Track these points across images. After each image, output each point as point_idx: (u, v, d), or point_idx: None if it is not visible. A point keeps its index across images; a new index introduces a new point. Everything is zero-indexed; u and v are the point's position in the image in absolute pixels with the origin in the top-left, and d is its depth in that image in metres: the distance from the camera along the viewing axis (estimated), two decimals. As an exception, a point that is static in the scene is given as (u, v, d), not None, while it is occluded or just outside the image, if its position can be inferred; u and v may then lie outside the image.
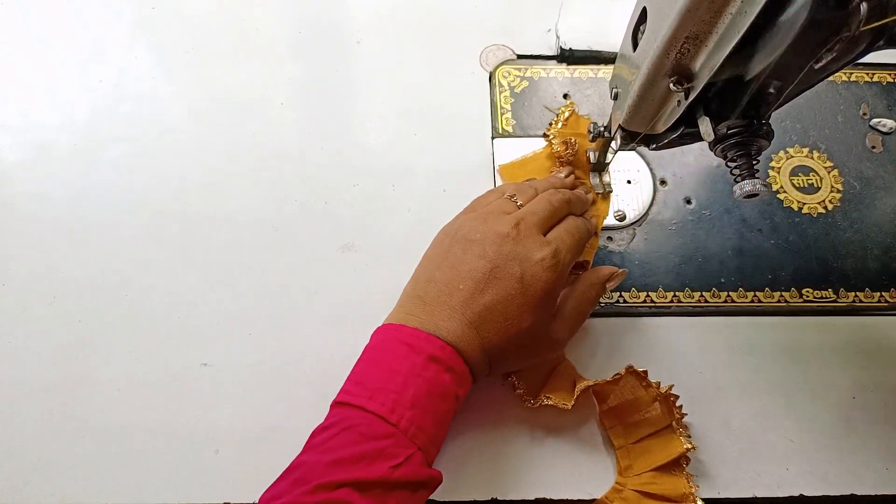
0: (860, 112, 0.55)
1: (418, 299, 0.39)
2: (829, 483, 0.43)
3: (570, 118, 0.52)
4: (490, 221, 0.40)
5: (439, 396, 0.36)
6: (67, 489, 0.41)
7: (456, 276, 0.39)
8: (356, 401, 0.35)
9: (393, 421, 0.34)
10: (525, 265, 0.38)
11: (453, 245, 0.40)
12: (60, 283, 0.46)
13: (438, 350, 0.36)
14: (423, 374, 0.35)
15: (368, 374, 0.36)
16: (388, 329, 0.38)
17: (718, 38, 0.29)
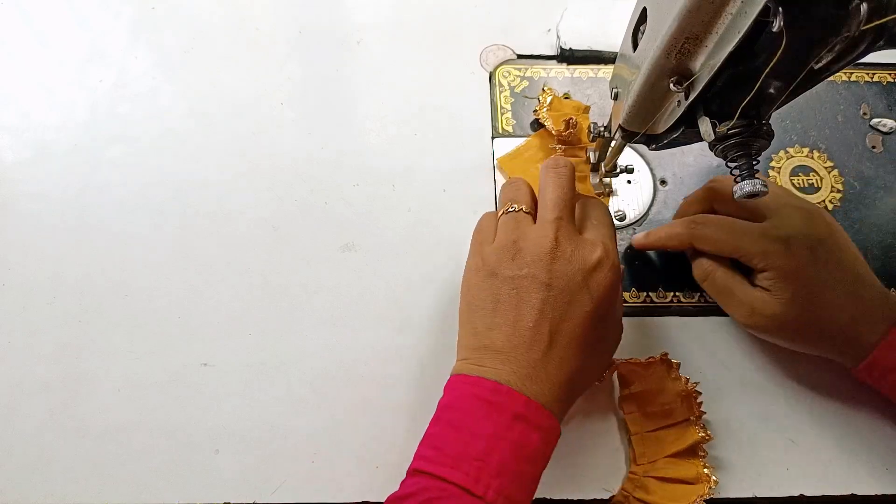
0: (860, 112, 0.55)
1: (486, 349, 0.35)
2: (829, 483, 0.43)
3: (552, 102, 0.52)
4: (524, 247, 0.37)
5: (527, 460, 0.32)
6: (67, 489, 0.41)
7: (519, 316, 0.35)
8: (436, 470, 0.31)
9: (479, 493, 0.30)
10: (587, 274, 0.35)
11: (500, 287, 0.36)
12: (60, 283, 0.46)
13: (523, 407, 0.33)
14: (509, 435, 0.32)
15: (447, 438, 0.33)
16: (464, 383, 0.34)
17: (718, 38, 0.29)
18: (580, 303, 0.35)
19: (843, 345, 0.42)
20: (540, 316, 0.35)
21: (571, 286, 0.35)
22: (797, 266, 0.40)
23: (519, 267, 0.36)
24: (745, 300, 0.42)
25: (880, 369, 0.41)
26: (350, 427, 0.43)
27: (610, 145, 0.46)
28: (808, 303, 0.40)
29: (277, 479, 0.41)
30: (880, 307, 0.41)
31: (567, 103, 0.52)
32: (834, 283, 0.41)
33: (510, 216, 0.39)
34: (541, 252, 0.36)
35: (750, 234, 0.42)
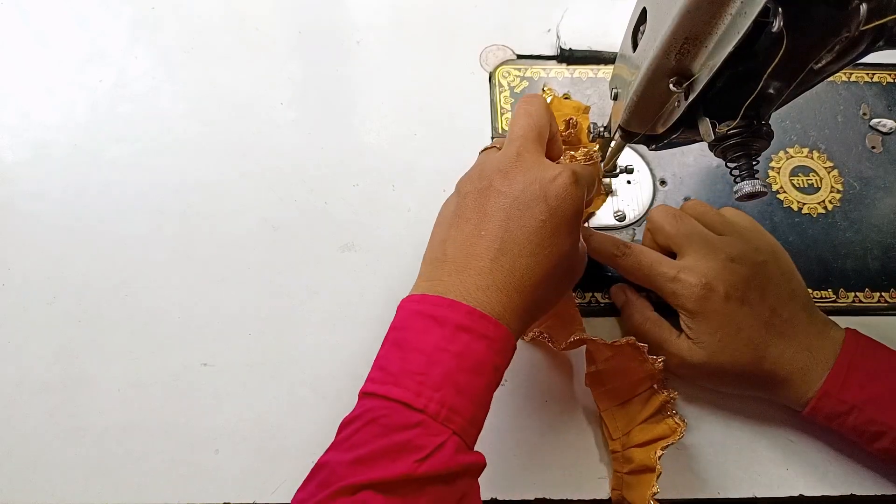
0: (860, 112, 0.55)
1: (437, 262, 0.35)
2: (829, 483, 0.43)
3: (552, 102, 0.51)
4: (489, 163, 0.37)
5: (472, 370, 0.32)
6: (67, 489, 0.41)
7: (474, 225, 0.35)
8: (380, 389, 0.32)
9: (419, 406, 0.30)
10: (545, 184, 0.35)
11: (462, 200, 0.36)
12: (60, 283, 0.46)
13: (465, 317, 0.32)
14: (451, 347, 0.32)
15: (391, 357, 0.33)
16: (409, 302, 0.35)
17: (718, 38, 0.29)
18: (534, 211, 0.34)
19: (778, 391, 0.42)
20: (491, 223, 0.34)
21: (527, 194, 0.35)
22: (708, 311, 0.40)
23: (480, 180, 0.36)
24: (674, 351, 0.42)
25: (823, 416, 0.41)
26: (350, 427, 0.43)
27: (610, 145, 0.46)
28: (727, 349, 0.40)
29: (277, 479, 0.41)
30: (816, 349, 0.41)
31: (567, 103, 0.52)
32: (756, 329, 0.41)
33: (486, 152, 0.40)
34: (501, 165, 0.36)
35: (665, 273, 0.42)
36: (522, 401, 0.44)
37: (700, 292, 0.40)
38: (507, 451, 0.43)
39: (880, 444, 0.39)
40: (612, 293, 0.47)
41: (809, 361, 0.41)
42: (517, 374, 0.45)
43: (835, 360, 0.40)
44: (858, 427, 0.40)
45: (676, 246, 0.43)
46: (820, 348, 0.41)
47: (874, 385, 0.39)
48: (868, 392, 0.39)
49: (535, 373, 0.45)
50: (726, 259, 0.41)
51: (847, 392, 0.39)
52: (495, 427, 0.43)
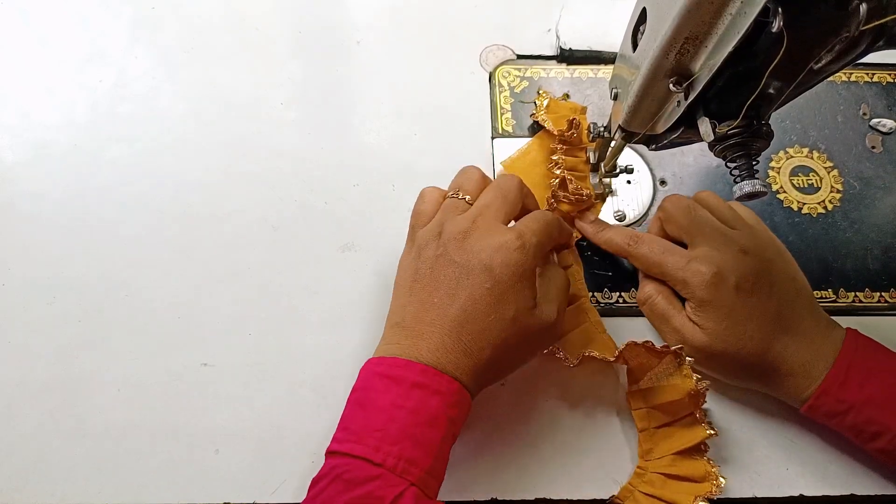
0: (860, 112, 0.55)
1: (397, 326, 0.38)
2: (829, 483, 0.43)
3: (550, 104, 0.52)
4: (446, 228, 0.39)
5: (427, 424, 0.34)
6: (67, 489, 0.41)
7: (428, 293, 0.37)
8: (343, 447, 0.34)
9: (378, 461, 0.32)
10: (491, 254, 0.37)
11: (420, 266, 0.39)
12: (60, 283, 0.46)
13: (419, 375, 0.35)
14: (406, 404, 0.34)
15: (354, 417, 0.35)
16: (370, 364, 0.37)
17: (718, 38, 0.29)
18: (480, 279, 0.37)
19: (778, 386, 0.42)
20: (443, 291, 0.37)
21: (474, 263, 0.37)
22: (718, 300, 0.41)
23: (437, 247, 0.38)
24: (678, 328, 0.43)
25: (822, 414, 0.41)
26: (350, 427, 0.43)
27: (610, 145, 0.46)
28: (731, 338, 0.41)
29: (277, 479, 0.41)
30: (818, 348, 0.41)
31: (564, 105, 0.52)
32: (763, 322, 0.41)
33: (451, 201, 0.41)
34: (457, 232, 0.38)
35: (676, 262, 0.42)
36: (522, 401, 0.44)
37: (711, 280, 0.41)
38: (507, 451, 0.43)
39: (878, 443, 0.39)
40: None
41: (811, 359, 0.41)
42: (517, 374, 0.45)
43: (835, 359, 0.40)
44: (857, 426, 0.40)
45: (689, 236, 0.43)
46: (822, 347, 0.41)
47: (873, 385, 0.39)
48: (867, 392, 0.39)
49: (534, 373, 0.45)
50: (738, 251, 0.42)
51: (846, 391, 0.39)
52: (495, 427, 0.43)
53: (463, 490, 0.41)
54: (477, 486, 0.41)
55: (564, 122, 0.48)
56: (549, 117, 0.50)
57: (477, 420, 0.43)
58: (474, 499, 0.41)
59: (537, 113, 0.51)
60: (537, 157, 0.51)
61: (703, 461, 0.41)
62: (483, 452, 0.42)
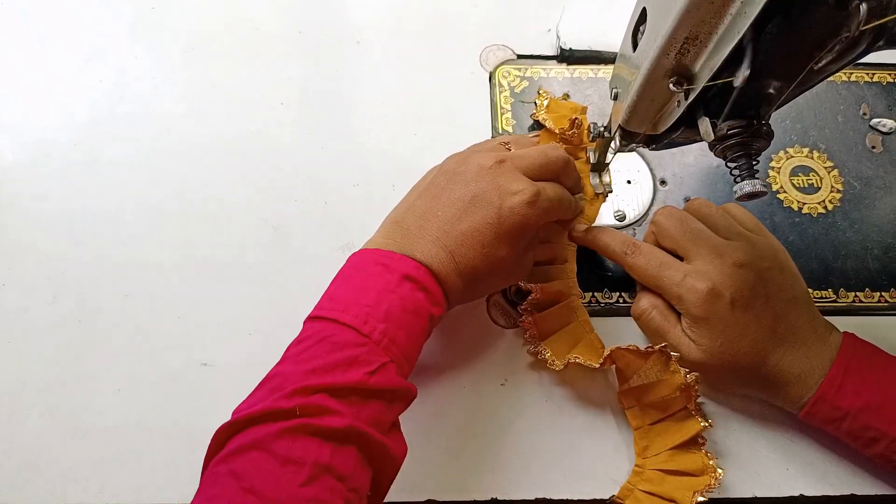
0: (860, 112, 0.55)
1: (396, 225, 0.40)
2: (829, 483, 0.43)
3: (550, 104, 0.52)
4: (475, 156, 0.41)
5: (413, 313, 0.36)
6: (67, 489, 0.41)
7: (435, 204, 0.39)
8: (329, 314, 0.35)
9: (365, 332, 0.34)
10: (504, 196, 0.39)
11: (437, 176, 0.41)
12: (61, 283, 0.46)
13: (413, 270, 0.37)
14: (397, 290, 0.36)
15: (342, 291, 0.37)
16: (364, 252, 0.39)
17: (718, 38, 0.29)
18: (486, 213, 0.38)
19: (775, 394, 0.42)
20: (448, 207, 0.39)
21: (486, 196, 0.39)
22: (713, 316, 0.41)
23: (458, 165, 0.41)
24: (674, 344, 0.42)
25: (819, 420, 0.41)
26: (350, 427, 0.43)
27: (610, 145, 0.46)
28: (727, 354, 0.41)
29: (277, 479, 0.41)
30: (815, 354, 0.41)
31: (565, 104, 0.52)
32: (757, 337, 0.41)
33: (496, 144, 0.44)
34: (481, 164, 0.40)
35: (672, 276, 0.42)
36: (522, 401, 0.44)
37: (706, 297, 0.41)
38: (507, 451, 0.43)
39: (875, 448, 0.40)
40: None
41: (807, 367, 0.41)
42: (517, 373, 0.45)
43: (831, 366, 0.40)
44: (853, 433, 0.40)
45: (682, 250, 0.43)
46: (818, 354, 0.41)
47: (869, 391, 0.39)
48: (863, 399, 0.39)
49: (534, 373, 0.45)
50: (733, 265, 0.41)
51: (842, 398, 0.39)
52: (495, 427, 0.43)
53: (463, 490, 0.41)
54: (477, 486, 0.41)
55: (565, 121, 0.48)
56: (549, 116, 0.50)
57: (477, 420, 0.43)
58: (474, 499, 0.41)
59: (538, 112, 0.51)
60: None
61: (701, 454, 0.41)
62: (483, 452, 0.42)
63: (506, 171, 0.40)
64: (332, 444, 0.31)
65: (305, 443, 0.30)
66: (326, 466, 0.30)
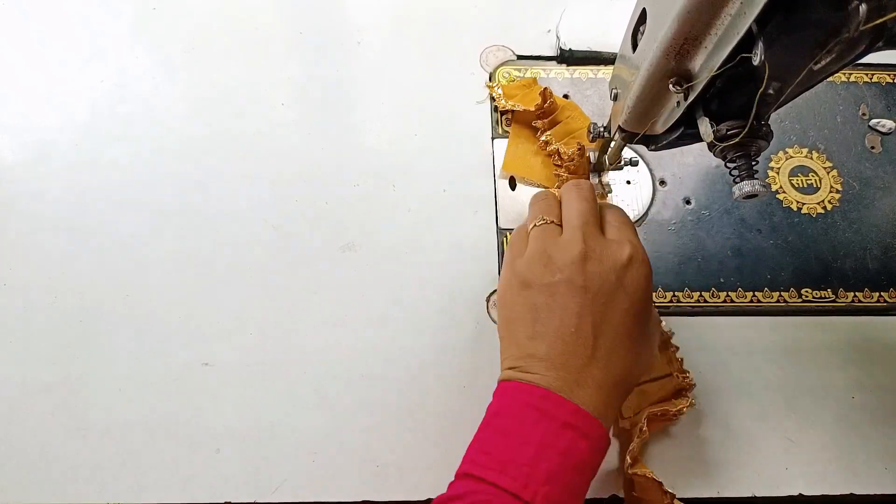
0: (859, 112, 0.55)
1: (531, 358, 0.35)
2: (828, 483, 0.43)
3: (504, 91, 0.53)
4: (556, 253, 0.36)
5: (575, 469, 0.32)
6: (67, 489, 0.41)
7: (560, 322, 0.34)
8: (486, 474, 0.31)
9: (527, 499, 0.30)
10: (620, 272, 0.35)
11: (536, 297, 0.36)
12: (61, 283, 0.46)
13: (572, 415, 0.32)
14: (557, 443, 0.32)
15: (496, 443, 0.33)
16: (514, 389, 0.34)
17: (718, 39, 0.29)
18: (618, 302, 0.35)
19: None
20: (580, 320, 0.34)
21: (606, 286, 0.35)
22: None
23: (552, 273, 0.36)
24: None
25: None
26: (350, 427, 0.43)
27: (610, 145, 0.46)
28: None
29: (277, 479, 0.41)
30: None
31: (518, 84, 0.53)
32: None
33: (540, 228, 0.39)
34: (572, 256, 0.36)
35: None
36: (522, 401, 0.44)
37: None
38: (507, 450, 0.43)
39: None
40: None
41: None
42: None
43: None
44: None
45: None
46: None
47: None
48: None
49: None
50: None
51: None
52: (495, 427, 0.43)
53: (463, 490, 0.41)
54: (477, 486, 0.41)
55: (534, 97, 0.50)
56: (514, 101, 0.51)
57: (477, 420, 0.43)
58: (474, 498, 0.41)
59: (500, 103, 0.52)
60: (526, 143, 0.52)
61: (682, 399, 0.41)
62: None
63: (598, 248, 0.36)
64: None
65: None
66: None
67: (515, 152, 0.52)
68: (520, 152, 0.52)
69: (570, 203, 0.39)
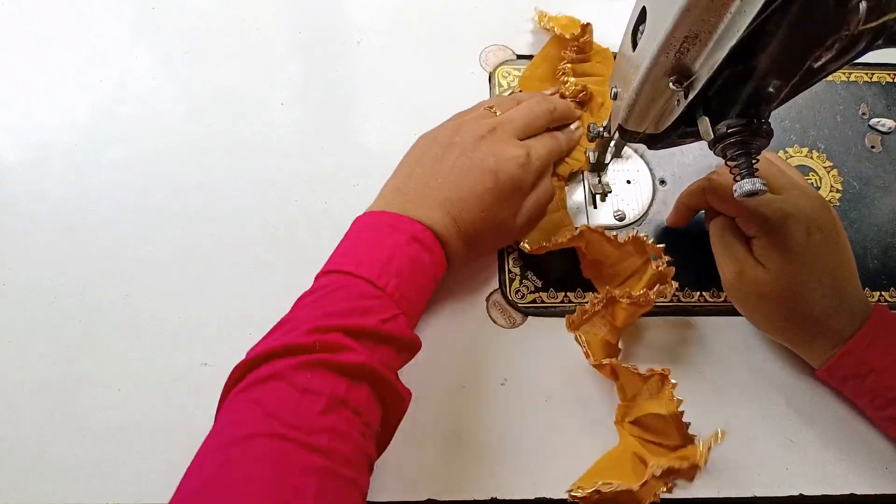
0: (859, 112, 0.55)
1: (398, 192, 0.41)
2: (828, 483, 0.43)
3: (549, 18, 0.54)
4: (466, 127, 0.43)
5: (420, 272, 0.38)
6: (67, 489, 0.41)
7: (435, 172, 0.41)
8: (344, 268, 0.37)
9: (381, 285, 0.36)
10: (499, 161, 0.41)
11: (433, 146, 0.43)
12: (61, 284, 0.46)
13: (419, 232, 0.39)
14: (406, 249, 0.38)
15: (355, 247, 0.38)
16: (371, 214, 0.40)
17: (718, 37, 0.29)
18: (484, 179, 0.41)
19: (813, 338, 0.42)
20: (448, 174, 0.41)
21: (483, 163, 0.41)
22: (789, 243, 0.41)
23: (452, 135, 0.43)
24: (741, 259, 0.43)
25: (839, 376, 0.42)
26: (350, 427, 0.43)
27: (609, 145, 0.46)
28: (792, 282, 0.41)
29: (277, 479, 0.41)
30: (855, 313, 0.42)
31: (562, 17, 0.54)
32: (821, 273, 0.41)
33: (483, 110, 0.46)
34: (475, 132, 0.43)
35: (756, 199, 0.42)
36: (522, 401, 0.44)
37: (790, 222, 0.41)
38: (507, 451, 0.43)
39: (890, 410, 0.41)
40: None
41: (846, 322, 0.41)
42: (517, 373, 0.45)
43: (861, 325, 0.41)
44: (875, 390, 0.41)
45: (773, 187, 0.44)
46: (856, 314, 0.42)
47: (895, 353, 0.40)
48: (889, 359, 0.40)
49: (535, 373, 0.45)
50: (819, 201, 0.43)
51: (870, 353, 0.40)
52: (495, 427, 0.43)
53: (463, 490, 0.41)
54: (477, 486, 0.41)
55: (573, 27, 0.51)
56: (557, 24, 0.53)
57: (477, 420, 0.43)
58: (474, 498, 0.41)
59: (542, 23, 0.54)
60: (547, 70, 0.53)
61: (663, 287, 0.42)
62: (483, 452, 0.42)
63: (498, 137, 0.43)
64: (347, 380, 0.32)
65: (323, 376, 0.32)
66: (342, 399, 0.32)
67: (533, 74, 0.53)
68: (536, 74, 0.53)
69: (518, 107, 0.46)
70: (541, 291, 0.47)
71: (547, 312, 0.47)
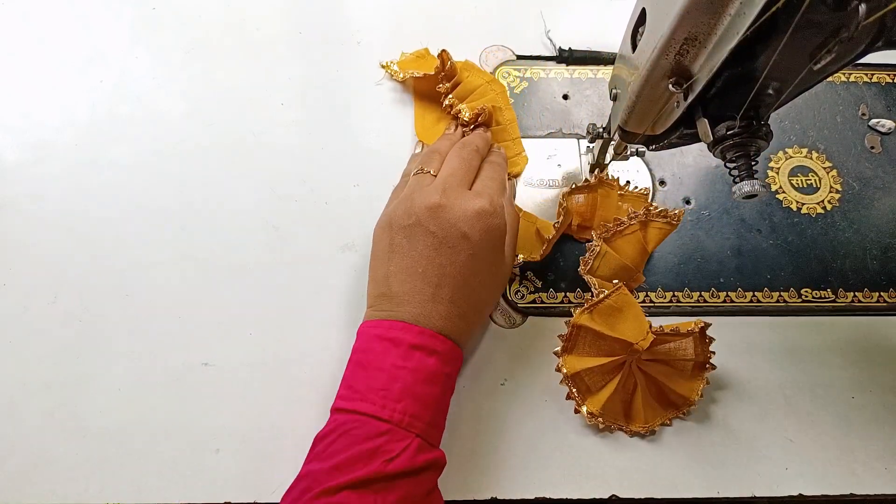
0: (859, 112, 0.55)
1: (383, 297, 0.40)
2: (828, 483, 0.43)
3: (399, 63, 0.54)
4: (417, 200, 0.41)
5: (426, 382, 0.37)
6: (67, 489, 0.41)
7: (411, 262, 0.40)
8: (350, 405, 0.37)
9: (386, 417, 0.35)
10: (467, 223, 0.40)
11: (394, 236, 0.41)
12: (61, 283, 0.46)
13: (417, 337, 0.38)
14: (406, 364, 0.37)
15: (357, 377, 0.38)
16: (366, 327, 0.40)
17: (717, 39, 0.29)
18: (461, 249, 0.39)
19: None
20: (427, 262, 0.39)
21: (452, 235, 0.39)
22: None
23: (409, 217, 0.40)
24: None
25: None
26: (350, 427, 0.43)
27: (609, 145, 0.46)
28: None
29: (277, 479, 0.41)
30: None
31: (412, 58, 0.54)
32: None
33: (416, 176, 0.44)
34: (428, 204, 0.40)
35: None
36: (522, 401, 0.44)
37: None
38: (507, 451, 0.43)
39: None
40: None
41: None
42: (517, 374, 0.45)
43: None
44: None
45: None
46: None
47: None
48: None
49: (534, 373, 0.45)
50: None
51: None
52: (495, 427, 0.43)
53: (463, 489, 0.41)
54: (477, 486, 0.42)
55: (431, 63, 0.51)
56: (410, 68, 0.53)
57: (477, 420, 0.43)
58: (474, 498, 0.41)
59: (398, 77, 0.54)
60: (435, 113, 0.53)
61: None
62: (483, 452, 0.43)
63: (452, 200, 0.40)
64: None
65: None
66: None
67: (423, 122, 0.53)
68: (427, 121, 0.53)
69: (448, 159, 0.44)
70: (540, 292, 0.47)
71: (547, 313, 0.47)
